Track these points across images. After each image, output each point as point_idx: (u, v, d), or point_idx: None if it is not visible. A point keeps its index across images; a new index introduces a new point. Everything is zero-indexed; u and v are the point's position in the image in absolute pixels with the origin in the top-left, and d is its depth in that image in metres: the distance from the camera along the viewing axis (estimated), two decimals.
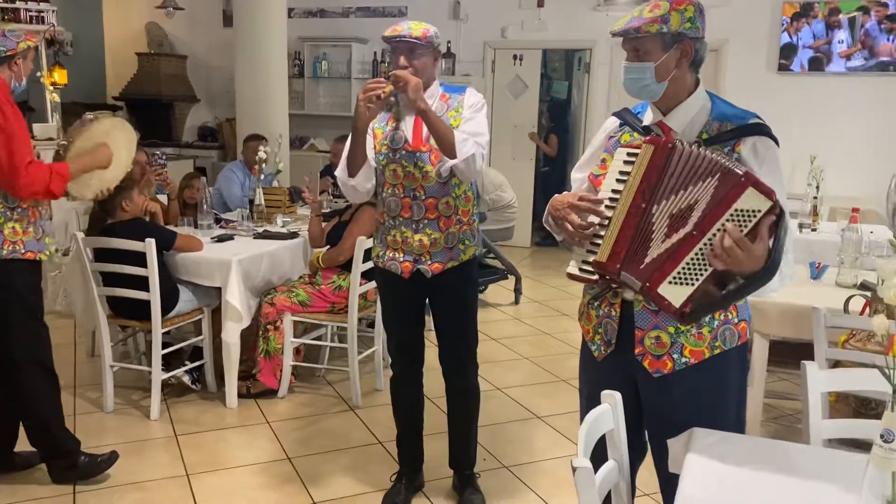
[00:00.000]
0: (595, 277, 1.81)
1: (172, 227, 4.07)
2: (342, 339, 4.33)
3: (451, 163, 2.52)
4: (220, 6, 9.17)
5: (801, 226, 4.58)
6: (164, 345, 3.67)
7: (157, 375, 3.62)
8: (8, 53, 2.76)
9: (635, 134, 1.90)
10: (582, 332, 2.05)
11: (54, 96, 6.37)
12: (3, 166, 2.67)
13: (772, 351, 3.11)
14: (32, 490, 2.97)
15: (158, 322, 3.54)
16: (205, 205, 4.30)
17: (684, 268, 1.66)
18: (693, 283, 1.66)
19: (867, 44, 6.70)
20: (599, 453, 1.60)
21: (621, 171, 1.80)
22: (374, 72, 8.39)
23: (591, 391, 1.90)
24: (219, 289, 3.74)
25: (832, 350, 2.66)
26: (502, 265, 5.96)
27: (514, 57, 8.11)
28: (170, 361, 3.86)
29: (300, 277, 4.14)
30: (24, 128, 2.78)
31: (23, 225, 2.81)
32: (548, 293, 6.36)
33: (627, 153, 1.81)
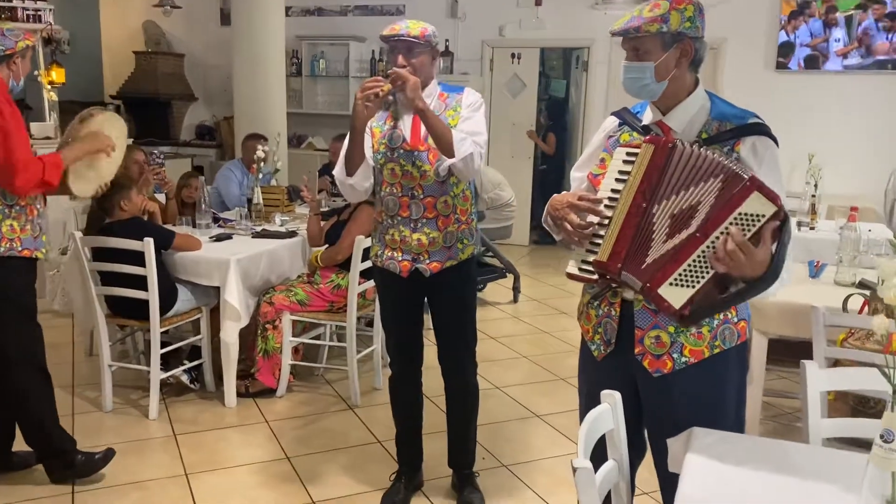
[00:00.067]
0: (595, 277, 1.80)
1: (171, 227, 4.07)
2: (341, 339, 4.32)
3: (449, 162, 2.51)
4: (217, 4, 9.16)
5: (800, 224, 4.58)
6: (163, 344, 3.67)
7: (156, 375, 3.62)
8: (7, 52, 2.75)
9: (634, 133, 1.90)
10: (581, 332, 2.05)
11: (52, 95, 6.35)
12: (0, 165, 2.66)
13: (770, 349, 3.11)
14: (31, 490, 2.96)
15: (157, 321, 3.54)
16: (203, 204, 4.29)
17: (686, 270, 1.66)
18: (694, 286, 1.65)
19: (864, 42, 6.71)
20: (599, 453, 1.60)
21: (620, 170, 1.80)
22: (372, 70, 8.38)
23: (591, 391, 1.90)
24: (217, 288, 3.74)
25: (831, 348, 2.66)
26: (501, 264, 5.96)
27: (512, 55, 8.11)
28: (168, 361, 3.86)
29: (299, 276, 4.14)
30: (23, 127, 2.77)
31: (20, 222, 2.80)
32: (546, 291, 6.36)
33: (627, 153, 1.81)
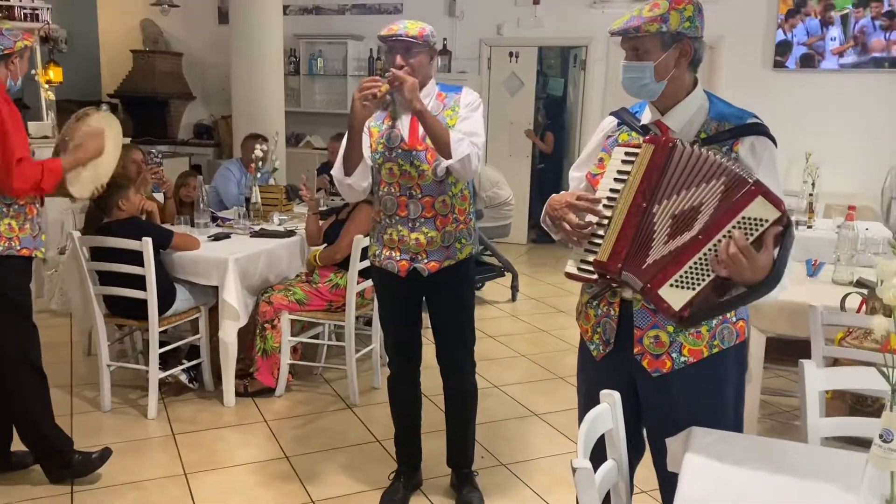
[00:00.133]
0: (594, 277, 1.80)
1: (169, 226, 4.07)
2: (339, 338, 4.32)
3: (446, 163, 2.51)
4: (215, 3, 9.14)
5: (797, 223, 4.59)
6: (161, 344, 3.67)
7: (155, 374, 3.62)
8: (5, 52, 2.74)
9: (633, 133, 1.90)
10: (580, 332, 2.05)
11: (49, 94, 6.34)
12: None
13: (768, 348, 3.12)
14: (29, 490, 2.96)
15: (155, 321, 3.53)
16: (201, 203, 4.28)
17: (687, 272, 1.65)
18: (694, 288, 1.65)
19: (860, 40, 6.71)
20: (598, 452, 1.60)
21: (619, 170, 1.79)
22: (370, 69, 8.37)
23: (590, 390, 1.90)
24: (216, 287, 3.73)
25: (829, 347, 2.67)
26: (499, 262, 5.96)
27: (510, 54, 8.10)
28: (167, 360, 3.86)
29: (297, 276, 4.14)
30: (21, 126, 2.77)
31: (19, 221, 2.80)
32: (544, 290, 6.37)
33: (625, 152, 1.81)
